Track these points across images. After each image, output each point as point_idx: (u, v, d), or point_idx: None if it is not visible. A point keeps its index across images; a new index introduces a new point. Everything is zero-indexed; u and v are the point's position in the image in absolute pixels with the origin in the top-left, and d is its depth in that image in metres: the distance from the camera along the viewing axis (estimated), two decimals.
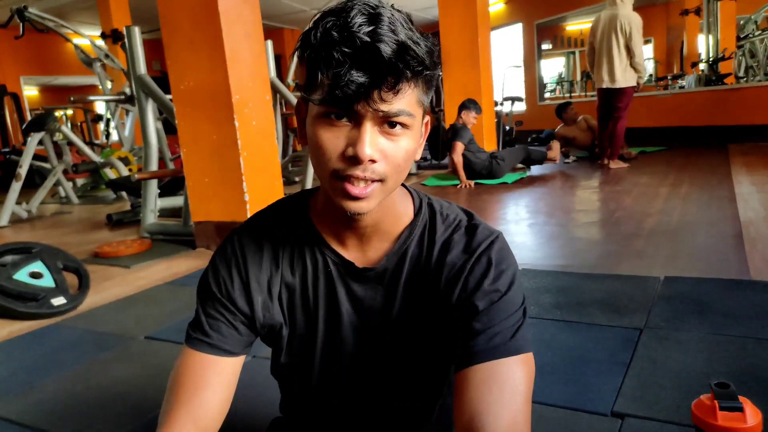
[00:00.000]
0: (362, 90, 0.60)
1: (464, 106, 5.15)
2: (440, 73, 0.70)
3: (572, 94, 11.69)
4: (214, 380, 0.74)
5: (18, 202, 5.04)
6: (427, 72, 0.64)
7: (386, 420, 0.87)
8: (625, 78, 5.05)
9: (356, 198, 0.65)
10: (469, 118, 5.12)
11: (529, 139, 7.81)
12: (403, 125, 0.64)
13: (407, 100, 0.63)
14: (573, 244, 2.89)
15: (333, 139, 0.64)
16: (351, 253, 0.77)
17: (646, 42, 10.80)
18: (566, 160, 6.11)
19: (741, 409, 0.89)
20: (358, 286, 0.78)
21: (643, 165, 5.39)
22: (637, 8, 5.14)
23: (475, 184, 5.01)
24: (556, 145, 5.23)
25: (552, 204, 4.01)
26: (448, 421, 0.92)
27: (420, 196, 0.80)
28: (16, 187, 4.93)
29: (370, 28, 0.59)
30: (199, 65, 2.96)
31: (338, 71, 0.59)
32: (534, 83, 9.22)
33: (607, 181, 4.72)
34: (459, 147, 4.97)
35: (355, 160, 0.63)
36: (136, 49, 3.64)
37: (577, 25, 11.07)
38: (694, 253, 2.49)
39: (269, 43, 4.50)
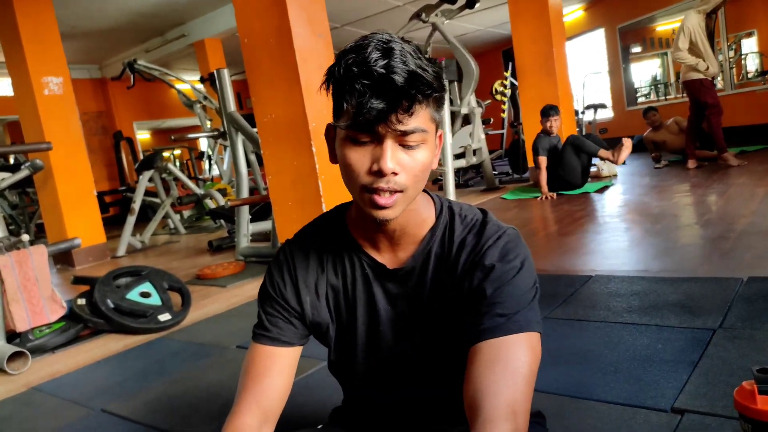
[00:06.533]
0: (381, 115, 0.70)
1: (540, 116, 5.13)
2: (446, 93, 0.82)
3: (667, 97, 11.11)
4: (275, 368, 0.87)
5: (133, 235, 5.61)
6: (436, 94, 0.74)
7: (430, 409, 0.93)
8: (685, 72, 5.10)
9: (383, 207, 0.75)
10: (546, 126, 5.06)
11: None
12: (419, 140, 0.74)
13: (421, 119, 0.73)
14: (653, 248, 2.80)
15: (360, 158, 0.74)
16: (384, 256, 0.87)
17: (749, 35, 10.04)
18: (657, 165, 5.83)
19: None
20: (392, 285, 0.87)
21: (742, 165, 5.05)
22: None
23: (558, 195, 4.94)
24: (624, 146, 4.68)
25: (636, 210, 3.87)
26: None
27: (441, 200, 0.90)
28: (131, 220, 5.50)
29: (385, 61, 0.69)
30: (278, 98, 3.22)
31: (360, 100, 0.70)
32: (621, 89, 8.90)
33: (699, 183, 4.48)
34: (541, 161, 4.93)
35: (379, 174, 0.73)
36: (226, 89, 4.01)
37: (669, 25, 10.51)
38: None
39: None
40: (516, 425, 0.68)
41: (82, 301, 2.68)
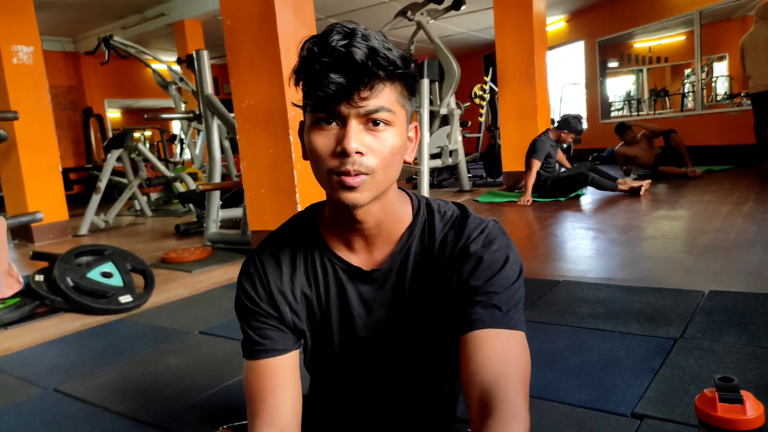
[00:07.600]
0: (342, 90, 0.68)
1: (564, 124, 5.03)
2: (415, 77, 0.82)
3: (640, 113, 11.37)
4: (278, 382, 0.82)
5: (96, 214, 5.45)
6: (400, 71, 0.71)
7: (407, 410, 0.92)
8: None
9: (350, 188, 0.72)
10: (567, 138, 5.09)
11: (590, 158, 7.66)
12: (386, 122, 0.72)
13: (386, 98, 0.71)
14: (620, 258, 2.85)
15: (325, 141, 0.72)
16: (359, 257, 0.84)
17: (721, 58, 10.34)
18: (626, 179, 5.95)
19: (741, 402, 0.90)
20: (367, 288, 0.84)
21: (708, 183, 5.19)
22: (711, 23, 5.01)
23: (532, 201, 5.00)
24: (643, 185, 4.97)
25: (605, 220, 3.94)
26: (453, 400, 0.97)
27: (418, 198, 0.87)
28: (95, 199, 5.35)
29: (346, 40, 0.68)
30: (258, 84, 3.17)
31: (319, 76, 0.69)
32: (596, 101, 9.04)
33: (667, 198, 4.59)
34: (534, 165, 4.95)
35: (344, 154, 0.70)
36: (204, 71, 3.93)
37: (645, 43, 10.73)
38: (745, 269, 2.41)
39: None
40: (525, 420, 0.72)
41: (40, 278, 2.59)
